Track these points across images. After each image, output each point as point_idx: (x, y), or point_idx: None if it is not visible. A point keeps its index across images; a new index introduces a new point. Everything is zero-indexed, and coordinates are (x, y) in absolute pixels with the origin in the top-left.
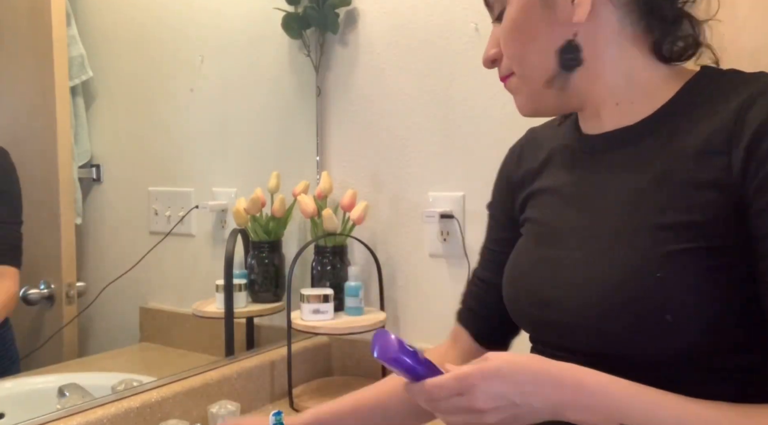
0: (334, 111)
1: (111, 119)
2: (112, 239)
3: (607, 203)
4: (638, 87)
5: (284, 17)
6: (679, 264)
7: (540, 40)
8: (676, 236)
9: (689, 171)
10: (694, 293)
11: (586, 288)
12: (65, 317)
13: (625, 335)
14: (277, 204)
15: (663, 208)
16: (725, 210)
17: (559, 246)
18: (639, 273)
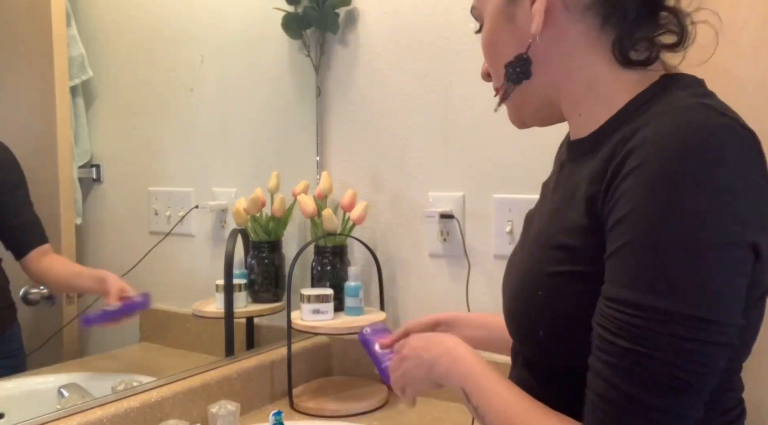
0: (334, 111)
1: (111, 119)
2: (112, 239)
3: (545, 212)
4: (600, 96)
5: (284, 17)
6: (556, 286)
7: (507, 53)
8: (559, 257)
9: (580, 193)
10: (564, 316)
11: (506, 290)
12: (65, 318)
13: (517, 338)
14: (277, 204)
15: (559, 228)
16: (592, 235)
17: (522, 245)
18: (528, 288)
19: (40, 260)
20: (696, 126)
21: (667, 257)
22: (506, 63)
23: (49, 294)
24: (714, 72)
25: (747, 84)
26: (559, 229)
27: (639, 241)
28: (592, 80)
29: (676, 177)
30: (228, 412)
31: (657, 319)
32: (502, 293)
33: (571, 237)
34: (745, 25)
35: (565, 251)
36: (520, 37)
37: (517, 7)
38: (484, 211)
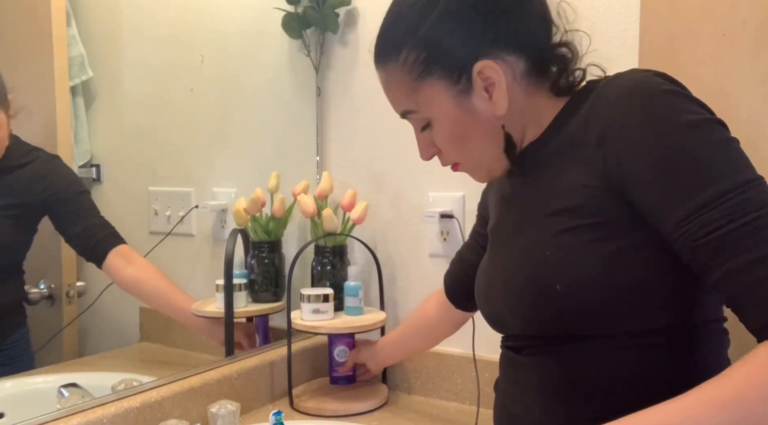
0: (334, 111)
1: (111, 119)
2: None
3: (518, 206)
4: (543, 116)
5: (284, 17)
6: (562, 242)
7: (477, 139)
8: (559, 219)
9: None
10: (577, 262)
11: (502, 279)
12: (65, 318)
13: (530, 312)
14: (277, 204)
15: (547, 201)
16: (597, 192)
17: (495, 251)
18: (531, 254)
19: (125, 267)
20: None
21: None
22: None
23: (49, 294)
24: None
25: (749, 82)
26: (549, 201)
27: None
28: (539, 112)
29: (652, 109)
30: (228, 412)
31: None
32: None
33: (567, 200)
34: (745, 25)
35: (563, 213)
36: (486, 122)
37: (472, 98)
38: None
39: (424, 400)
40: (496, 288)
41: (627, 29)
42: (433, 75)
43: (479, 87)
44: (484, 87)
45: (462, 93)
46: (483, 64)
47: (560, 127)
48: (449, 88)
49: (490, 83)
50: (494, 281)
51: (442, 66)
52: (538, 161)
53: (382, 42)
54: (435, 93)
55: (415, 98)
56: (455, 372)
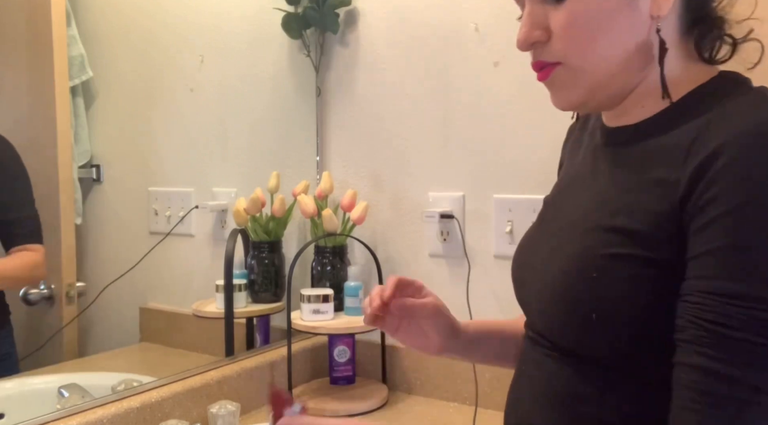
0: (334, 111)
1: (111, 119)
2: (112, 239)
3: (585, 196)
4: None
5: (284, 17)
6: (613, 268)
7: (616, 32)
8: (618, 240)
9: (647, 179)
10: (621, 298)
11: (543, 275)
12: (65, 318)
13: (558, 325)
14: (277, 204)
15: (616, 211)
16: (667, 224)
17: (544, 230)
18: (578, 270)
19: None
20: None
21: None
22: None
23: (49, 294)
24: None
25: None
26: (616, 212)
27: (742, 238)
28: (673, 70)
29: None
30: (228, 412)
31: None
32: (520, 279)
33: (633, 220)
34: None
35: (623, 234)
36: (637, 18)
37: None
38: (484, 211)
39: (424, 400)
40: (531, 276)
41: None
42: None
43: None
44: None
45: None
46: None
47: (664, 125)
48: None
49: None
50: (533, 267)
51: None
52: (625, 154)
53: None
54: None
55: None
56: (455, 373)
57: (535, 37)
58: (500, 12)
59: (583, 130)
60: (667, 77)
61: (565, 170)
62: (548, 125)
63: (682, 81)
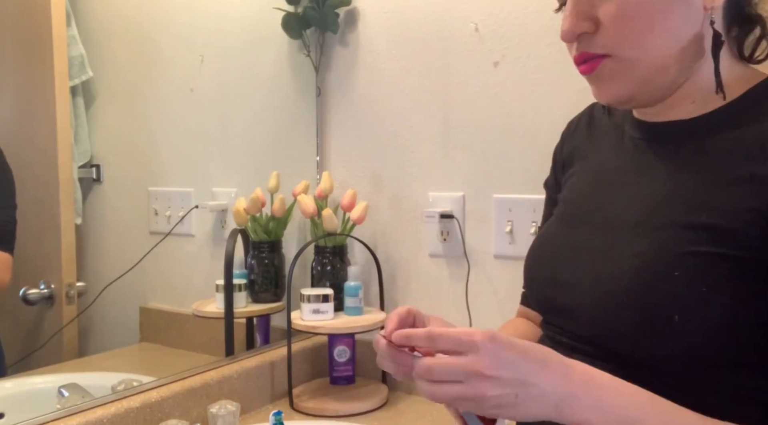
0: (334, 111)
1: (111, 119)
2: (112, 239)
3: (641, 192)
4: (712, 85)
5: (284, 17)
6: (696, 266)
7: (671, 22)
8: (703, 237)
9: (733, 175)
10: (706, 298)
11: (595, 276)
12: (65, 318)
13: (628, 330)
14: (277, 204)
15: (698, 207)
16: (759, 220)
17: (586, 229)
18: (655, 269)
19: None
20: None
21: None
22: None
23: (49, 294)
24: None
25: None
26: (699, 208)
27: None
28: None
29: None
30: (228, 412)
31: None
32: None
33: (721, 216)
34: None
35: (711, 231)
36: (692, 7)
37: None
38: (484, 211)
39: (424, 400)
40: (577, 278)
41: None
42: None
43: None
44: None
45: None
46: None
47: (737, 119)
48: None
49: None
50: (578, 269)
51: None
52: (691, 149)
53: None
54: None
55: None
56: None
57: (582, 28)
58: (500, 12)
59: (591, 125)
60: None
61: (589, 167)
62: (548, 125)
63: (732, 78)
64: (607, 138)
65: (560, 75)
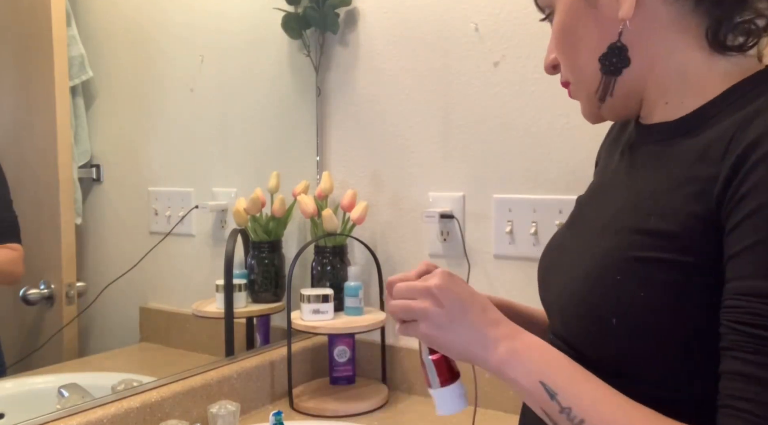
0: (334, 111)
1: (111, 119)
2: (112, 239)
3: (616, 196)
4: (691, 84)
5: (284, 17)
6: (640, 272)
7: (588, 41)
8: (649, 242)
9: (684, 178)
10: (644, 304)
11: (565, 277)
12: (65, 318)
13: (578, 330)
14: (277, 204)
15: (649, 212)
16: (700, 223)
17: (574, 231)
18: (602, 272)
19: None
20: None
21: None
22: (600, 55)
23: (49, 294)
24: None
25: None
26: (649, 213)
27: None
28: (683, 67)
29: None
30: (228, 412)
31: None
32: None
33: (667, 220)
34: None
35: (655, 236)
36: (606, 24)
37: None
38: (484, 211)
39: (424, 400)
40: (555, 279)
41: None
42: None
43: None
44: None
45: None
46: None
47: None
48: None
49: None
50: (557, 269)
51: None
52: (660, 152)
53: None
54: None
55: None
56: None
57: (551, 60)
58: (500, 12)
59: (623, 128)
60: (685, 72)
61: (601, 169)
62: (548, 125)
63: (713, 75)
64: (619, 142)
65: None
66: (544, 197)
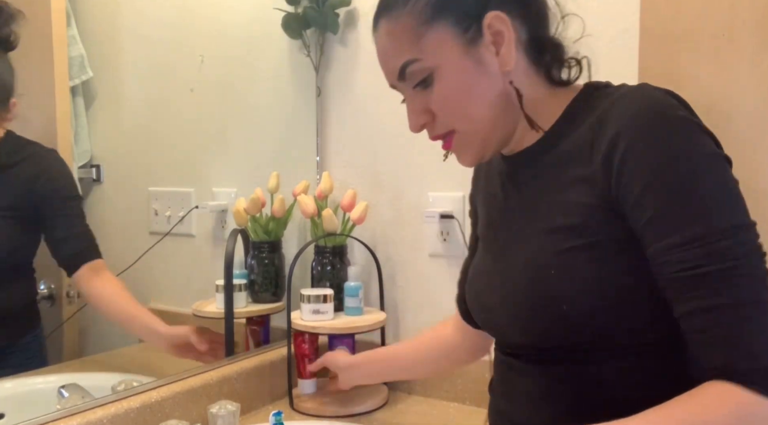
0: (334, 111)
1: (111, 119)
2: (112, 239)
3: (517, 215)
4: (542, 113)
5: (284, 17)
6: (566, 261)
7: (481, 94)
8: (562, 237)
9: (566, 180)
10: (583, 284)
11: (503, 290)
12: (65, 317)
13: (534, 326)
14: (277, 204)
15: (548, 215)
16: (597, 211)
17: (491, 257)
18: (537, 271)
19: (91, 280)
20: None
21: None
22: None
23: (48, 294)
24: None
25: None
26: (550, 216)
27: (672, 197)
28: (537, 100)
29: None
30: (228, 412)
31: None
32: (481, 304)
33: (569, 217)
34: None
35: (565, 231)
36: (493, 76)
37: (480, 48)
38: None
39: (424, 400)
40: (493, 298)
41: (627, 29)
42: (441, 20)
43: (488, 40)
44: (492, 41)
45: (470, 43)
46: (494, 16)
47: (560, 136)
48: (458, 36)
49: (499, 37)
50: (491, 290)
51: (451, 12)
52: (536, 169)
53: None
54: (442, 40)
55: (420, 46)
56: (455, 373)
57: (422, 120)
58: None
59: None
60: (537, 105)
61: (488, 203)
62: None
63: (552, 101)
64: (492, 177)
65: None
66: None
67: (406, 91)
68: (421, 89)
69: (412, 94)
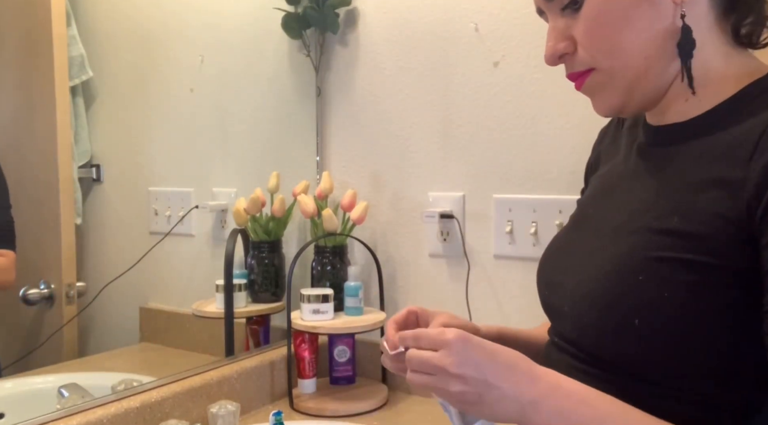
0: (334, 111)
1: (111, 119)
2: (112, 239)
3: (629, 197)
4: (711, 80)
5: (284, 17)
6: (662, 271)
7: (638, 24)
8: (671, 242)
9: (706, 179)
10: (669, 304)
11: (579, 278)
12: (65, 318)
13: (595, 331)
14: (277, 204)
15: (671, 212)
16: (730, 228)
17: (582, 233)
18: (621, 272)
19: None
20: None
21: None
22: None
23: (48, 294)
24: None
25: None
26: (668, 213)
27: None
28: (708, 63)
29: None
30: (228, 412)
31: None
32: (550, 283)
33: (690, 221)
34: None
35: (677, 236)
36: (658, 5)
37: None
38: (484, 211)
39: (424, 400)
40: (563, 282)
41: None
42: None
43: None
44: None
45: None
46: None
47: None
48: None
49: None
50: (566, 271)
51: None
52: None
53: None
54: None
55: None
56: None
57: (561, 49)
58: (500, 12)
59: (619, 129)
60: (709, 68)
61: (604, 172)
62: (548, 125)
63: (732, 70)
64: (620, 145)
65: (560, 75)
66: (544, 197)
67: (553, 14)
68: (570, 13)
69: (557, 19)
